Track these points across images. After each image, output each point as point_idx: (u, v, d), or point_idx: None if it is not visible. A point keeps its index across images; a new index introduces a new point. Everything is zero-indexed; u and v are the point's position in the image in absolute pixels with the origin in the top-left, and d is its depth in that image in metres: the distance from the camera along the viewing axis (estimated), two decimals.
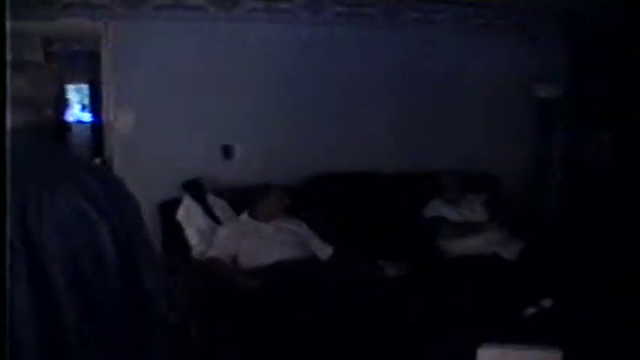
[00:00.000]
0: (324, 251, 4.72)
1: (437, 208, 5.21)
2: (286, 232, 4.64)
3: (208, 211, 4.73)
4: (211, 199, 4.81)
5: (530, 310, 4.15)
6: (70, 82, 8.63)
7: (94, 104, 8.63)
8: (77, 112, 9.33)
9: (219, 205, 4.81)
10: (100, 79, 5.58)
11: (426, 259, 4.90)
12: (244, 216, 4.73)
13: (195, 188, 4.81)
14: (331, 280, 4.26)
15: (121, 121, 4.90)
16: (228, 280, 4.25)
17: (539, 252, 4.82)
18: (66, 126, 2.08)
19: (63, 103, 2.00)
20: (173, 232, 4.68)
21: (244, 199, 4.82)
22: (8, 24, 1.52)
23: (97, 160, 5.56)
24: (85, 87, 8.98)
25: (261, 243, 4.50)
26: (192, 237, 4.62)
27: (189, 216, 4.66)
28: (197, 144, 5.07)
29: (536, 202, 6.03)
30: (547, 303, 4.21)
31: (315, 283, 4.15)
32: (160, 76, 4.92)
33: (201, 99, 5.02)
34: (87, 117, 9.14)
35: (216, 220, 4.74)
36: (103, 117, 5.60)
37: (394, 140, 5.61)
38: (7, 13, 1.51)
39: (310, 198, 5.11)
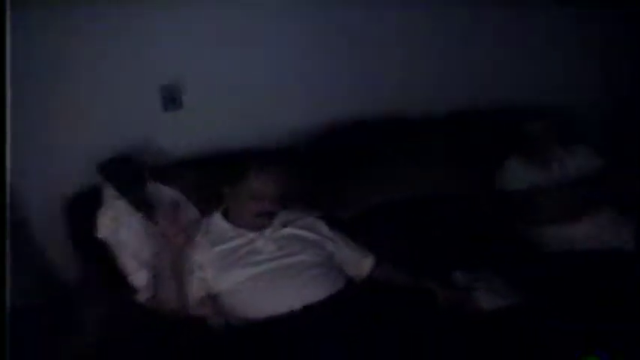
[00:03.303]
0: (360, 265, 2.71)
1: (518, 175, 3.23)
2: (294, 244, 2.58)
3: (151, 212, 2.57)
4: (154, 189, 2.66)
5: None
6: None
7: None
8: None
9: (168, 200, 2.65)
10: None
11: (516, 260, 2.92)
12: (217, 219, 2.63)
13: (122, 172, 2.62)
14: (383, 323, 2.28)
15: None
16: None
17: None
18: None
19: None
20: (95, 258, 2.53)
21: (209, 184, 2.69)
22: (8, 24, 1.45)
23: None
24: None
25: (256, 274, 2.44)
26: (133, 270, 2.48)
27: (120, 228, 2.50)
28: (113, 86, 2.86)
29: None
30: None
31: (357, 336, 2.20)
32: None
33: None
34: None
35: None
36: None
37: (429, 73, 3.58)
38: (7, 12, 1.45)
39: (319, 167, 3.04)
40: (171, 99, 2.96)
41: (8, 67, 1.46)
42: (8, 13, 1.43)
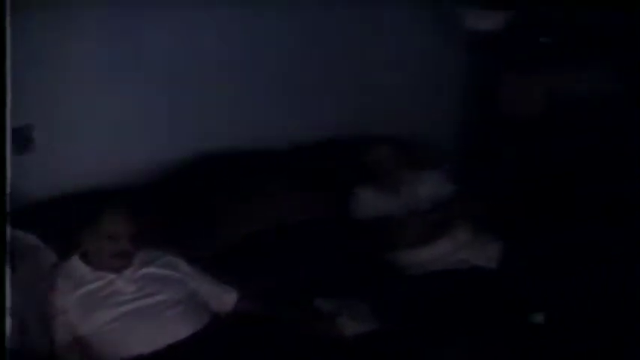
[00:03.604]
0: (223, 300, 2.75)
1: (370, 203, 3.35)
2: (155, 283, 2.58)
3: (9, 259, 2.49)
4: (11, 235, 2.57)
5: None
6: None
7: None
8: None
9: (26, 246, 2.59)
10: None
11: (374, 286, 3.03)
12: (75, 262, 2.59)
13: None
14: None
15: None
16: None
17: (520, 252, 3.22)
18: None
19: None
20: None
21: (66, 226, 2.64)
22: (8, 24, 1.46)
23: None
24: None
25: (119, 315, 2.44)
26: None
27: None
28: None
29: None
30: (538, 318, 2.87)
31: None
32: None
33: None
34: None
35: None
36: None
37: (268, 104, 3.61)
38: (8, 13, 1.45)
39: (176, 204, 3.05)
40: (24, 141, 2.90)
41: (8, 68, 1.50)
42: (8, 13, 1.43)
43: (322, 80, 3.73)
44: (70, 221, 2.65)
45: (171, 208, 2.99)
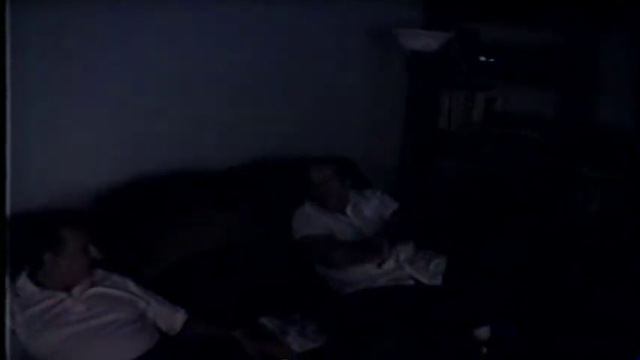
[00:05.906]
0: (171, 320, 2.75)
1: (311, 222, 3.37)
2: (104, 303, 2.59)
3: None
4: None
5: None
6: None
7: None
8: None
9: None
10: None
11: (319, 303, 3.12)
12: (23, 281, 2.57)
13: None
14: None
15: None
16: None
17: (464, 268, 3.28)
18: None
19: None
20: None
21: (13, 247, 2.60)
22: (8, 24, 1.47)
23: None
24: None
25: (69, 335, 2.44)
26: None
27: None
28: None
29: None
30: (484, 333, 3.04)
31: None
32: None
33: None
34: None
35: None
36: None
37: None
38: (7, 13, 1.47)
39: (121, 226, 3.01)
40: None
41: (8, 68, 1.48)
42: (8, 12, 1.47)
43: (265, 100, 3.74)
44: (18, 240, 2.62)
45: (117, 229, 2.97)
